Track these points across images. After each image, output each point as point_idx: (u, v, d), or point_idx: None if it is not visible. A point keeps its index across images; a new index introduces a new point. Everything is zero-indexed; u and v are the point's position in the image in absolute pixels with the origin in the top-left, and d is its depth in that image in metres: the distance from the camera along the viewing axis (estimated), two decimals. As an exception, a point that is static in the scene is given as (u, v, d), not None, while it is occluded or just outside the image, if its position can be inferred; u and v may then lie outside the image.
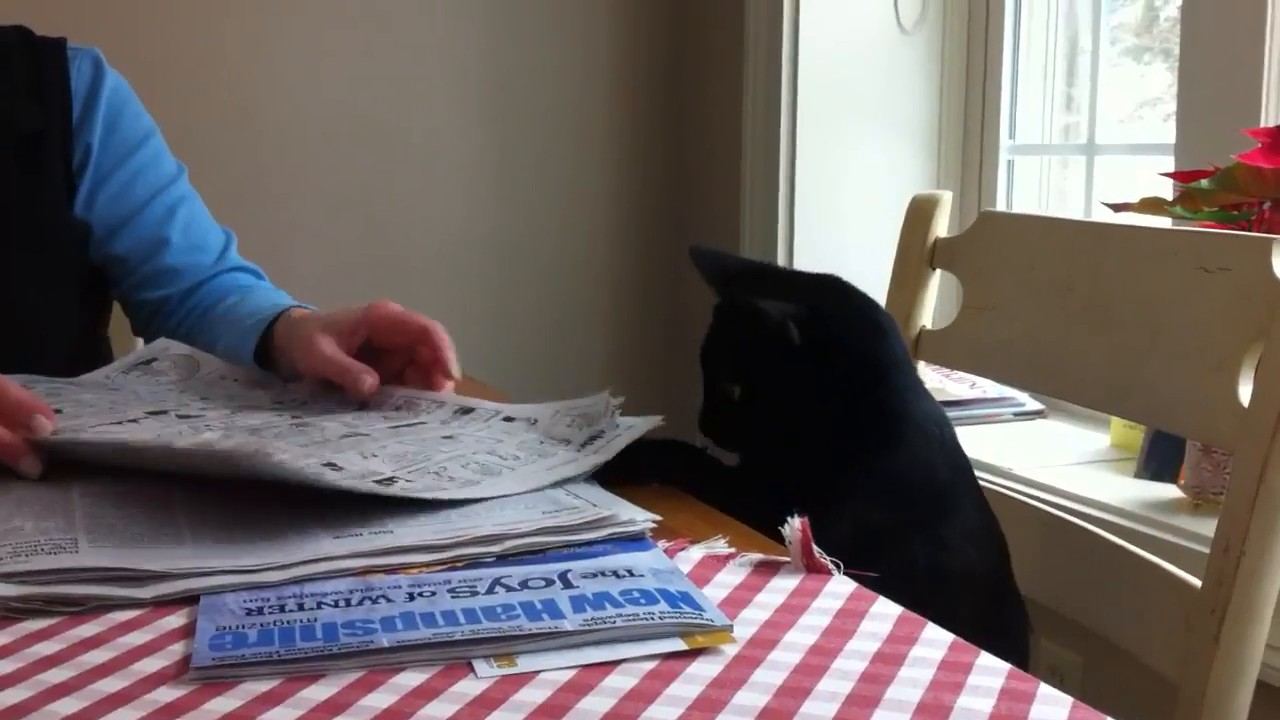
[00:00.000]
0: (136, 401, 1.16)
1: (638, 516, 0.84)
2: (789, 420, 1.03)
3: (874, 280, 1.54)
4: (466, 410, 1.11)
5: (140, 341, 1.55)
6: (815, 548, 0.78)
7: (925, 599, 0.99)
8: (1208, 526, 1.61)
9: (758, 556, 0.80)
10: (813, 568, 0.78)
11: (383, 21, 2.53)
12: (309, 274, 2.45)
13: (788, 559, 0.79)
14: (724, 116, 2.54)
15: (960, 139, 2.42)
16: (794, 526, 0.78)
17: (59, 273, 1.41)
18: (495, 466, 0.95)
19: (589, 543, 0.81)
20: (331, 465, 0.91)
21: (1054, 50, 2.33)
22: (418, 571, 0.76)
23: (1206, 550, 1.01)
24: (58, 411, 1.10)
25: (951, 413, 2.16)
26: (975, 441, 2.07)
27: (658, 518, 0.84)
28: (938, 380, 2.18)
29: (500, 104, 2.62)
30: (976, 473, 1.92)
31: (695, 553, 0.81)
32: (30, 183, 1.38)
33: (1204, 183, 1.48)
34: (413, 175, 2.58)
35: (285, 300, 1.36)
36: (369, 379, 1.14)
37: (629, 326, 2.72)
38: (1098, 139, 2.22)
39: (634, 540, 0.81)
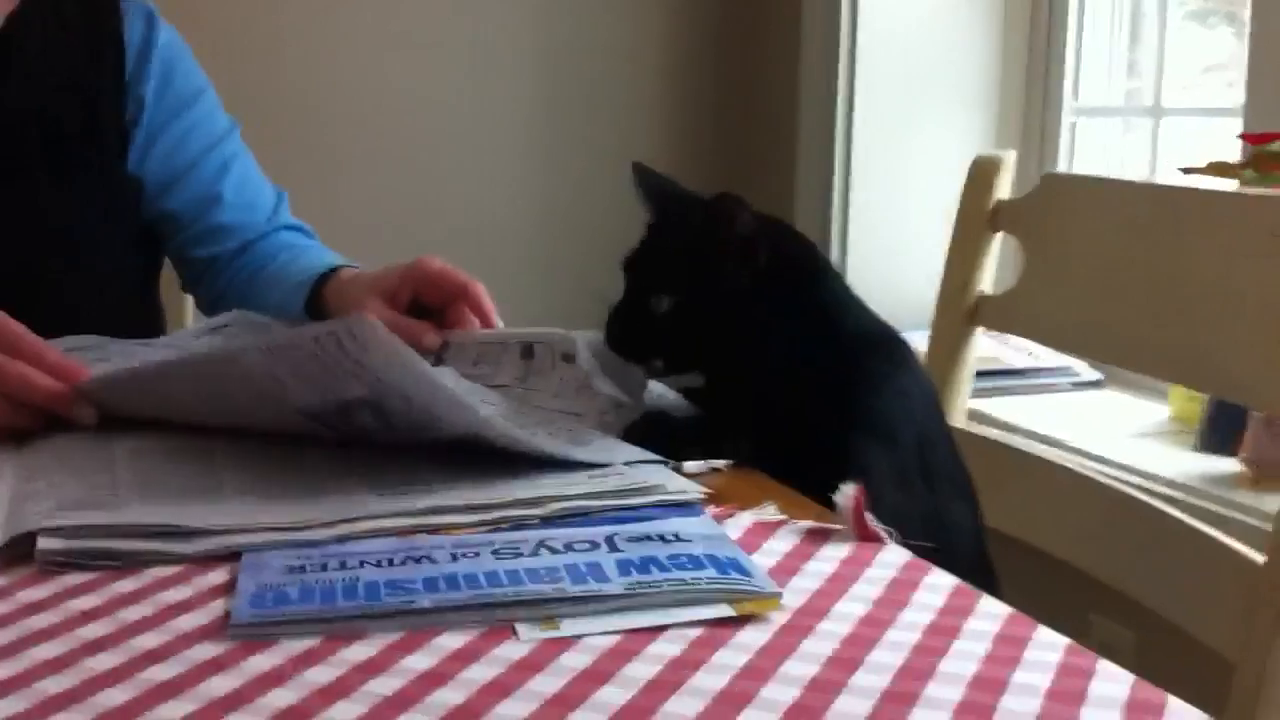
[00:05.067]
0: None
1: (687, 487, 0.82)
2: (711, 342, 0.99)
3: (933, 244, 1.52)
4: (528, 353, 1.08)
5: (190, 300, 1.54)
6: (868, 515, 0.76)
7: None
8: (1269, 502, 1.58)
9: (808, 524, 0.78)
10: (865, 536, 0.76)
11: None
12: (357, 244, 2.43)
13: (840, 526, 0.77)
14: (780, 79, 2.51)
15: (1022, 101, 2.38)
16: (846, 494, 0.76)
17: (112, 227, 1.40)
18: (581, 434, 0.93)
19: (635, 507, 0.79)
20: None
21: (1119, 11, 2.28)
22: (461, 533, 0.75)
23: (1267, 526, 0.98)
24: None
25: (1007, 381, 2.16)
26: (1031, 412, 2.05)
27: (707, 490, 0.82)
28: (993, 348, 2.14)
29: (550, 79, 2.59)
30: (1031, 445, 1.91)
31: (744, 519, 0.79)
32: (84, 136, 1.37)
33: (1276, 145, 1.44)
34: (461, 150, 2.56)
35: (335, 259, 1.35)
36: (429, 336, 1.13)
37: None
38: (1163, 103, 2.17)
39: (681, 507, 0.79)
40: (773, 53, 2.56)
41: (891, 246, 2.35)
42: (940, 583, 0.70)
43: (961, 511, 1.02)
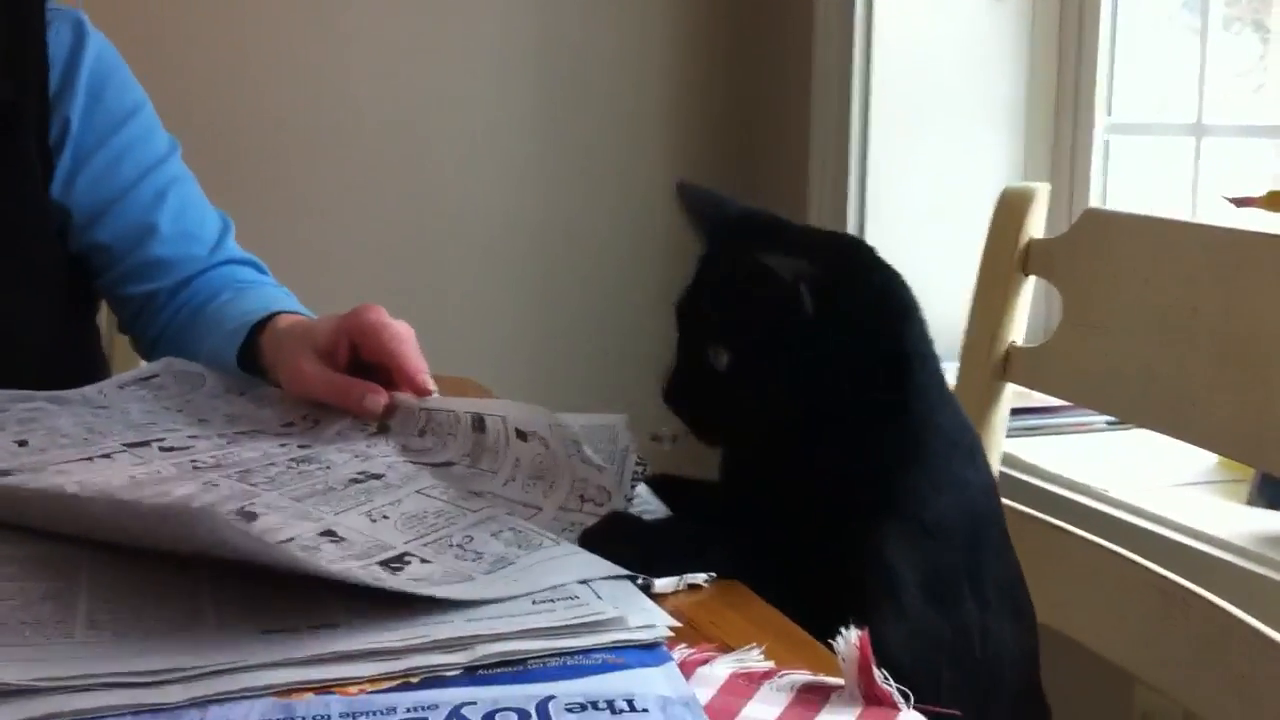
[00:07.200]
0: (122, 425, 1.01)
1: (652, 620, 0.65)
2: (781, 404, 0.83)
3: (956, 283, 1.35)
4: (479, 427, 0.93)
5: (127, 341, 1.39)
6: (878, 671, 0.59)
7: (969, 694, 0.81)
8: (1333, 571, 1.41)
9: (802, 677, 0.61)
10: (873, 698, 0.59)
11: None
12: (343, 266, 2.29)
13: (840, 682, 0.61)
14: (791, 97, 2.33)
15: (1052, 117, 2.20)
16: (850, 641, 0.60)
17: (32, 265, 1.25)
18: (531, 536, 0.77)
19: (585, 650, 0.63)
20: (330, 534, 0.74)
21: (1154, 21, 2.11)
22: (358, 690, 0.59)
23: None
24: (22, 444, 0.95)
25: (1038, 420, 1.98)
26: (1065, 456, 1.87)
27: (676, 623, 0.65)
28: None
29: (551, 87, 2.41)
30: (1066, 491, 1.74)
31: (721, 668, 0.62)
32: (-2, 162, 1.22)
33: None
34: (455, 162, 2.38)
35: (280, 301, 1.19)
36: (371, 398, 0.98)
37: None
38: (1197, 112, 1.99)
39: (644, 649, 0.63)
40: (784, 66, 2.38)
41: (910, 277, 2.17)
42: (970, 775, 0.54)
43: (1011, 634, 0.85)
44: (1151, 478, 1.77)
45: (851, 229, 2.17)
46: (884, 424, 0.82)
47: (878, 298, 0.85)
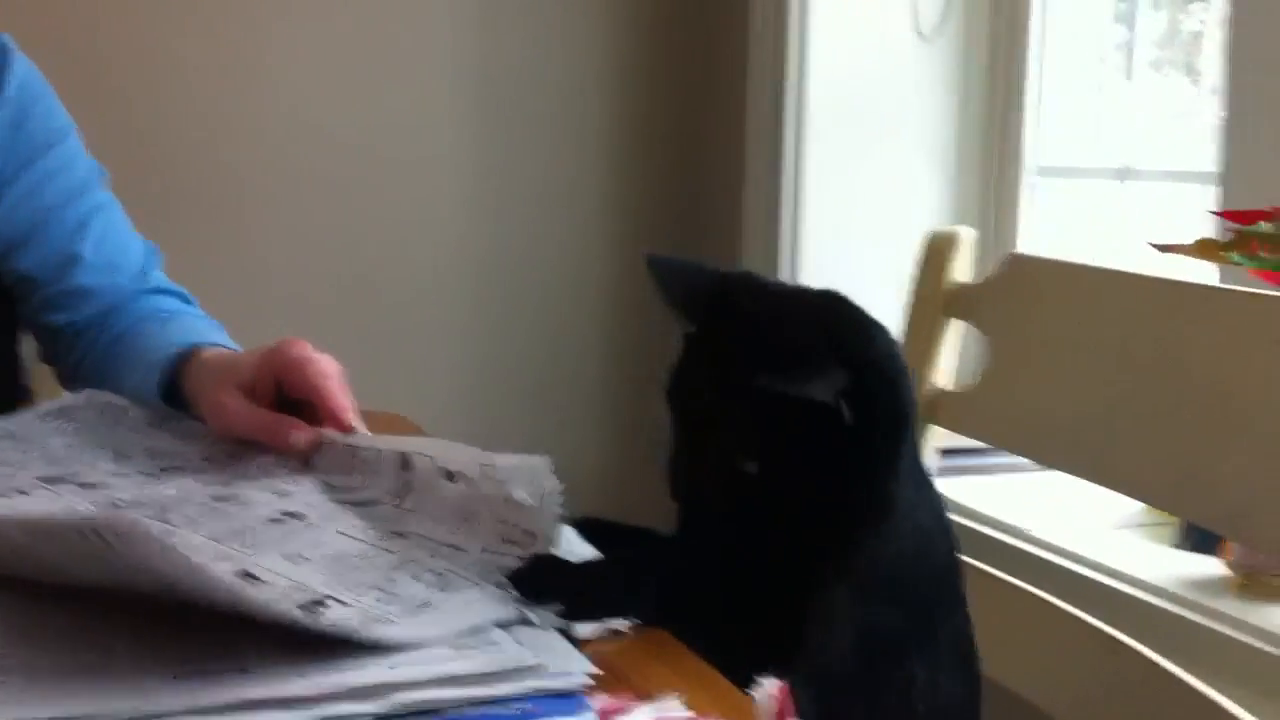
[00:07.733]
0: (39, 460, 0.99)
1: (572, 667, 0.65)
2: (810, 499, 0.80)
3: (888, 322, 1.37)
4: (406, 465, 0.92)
5: (50, 371, 1.36)
6: (795, 721, 0.59)
7: None
8: (1258, 614, 1.42)
9: (720, 727, 0.61)
10: (791, 748, 0.59)
11: (366, 20, 2.33)
12: (282, 294, 2.27)
13: (760, 732, 0.60)
14: (725, 132, 2.35)
15: (982, 158, 2.23)
16: (767, 692, 0.60)
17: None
18: (453, 579, 0.76)
19: (501, 700, 0.62)
20: (249, 575, 0.73)
21: (1081, 65, 2.15)
22: (268, 740, 0.58)
23: (1255, 643, 0.82)
24: None
25: (966, 461, 1.99)
26: (991, 496, 1.88)
27: (595, 670, 0.65)
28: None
29: (491, 117, 2.41)
30: (994, 533, 1.75)
31: (639, 717, 0.62)
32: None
33: (1264, 225, 1.30)
34: (394, 188, 2.37)
35: (204, 333, 1.17)
36: (295, 434, 0.96)
37: (624, 352, 2.51)
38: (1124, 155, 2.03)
39: (562, 696, 0.63)
40: (717, 106, 2.40)
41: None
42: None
43: (958, 691, 0.85)
44: (1078, 519, 1.79)
45: (784, 264, 2.18)
46: (862, 476, 0.80)
47: (886, 364, 0.81)
